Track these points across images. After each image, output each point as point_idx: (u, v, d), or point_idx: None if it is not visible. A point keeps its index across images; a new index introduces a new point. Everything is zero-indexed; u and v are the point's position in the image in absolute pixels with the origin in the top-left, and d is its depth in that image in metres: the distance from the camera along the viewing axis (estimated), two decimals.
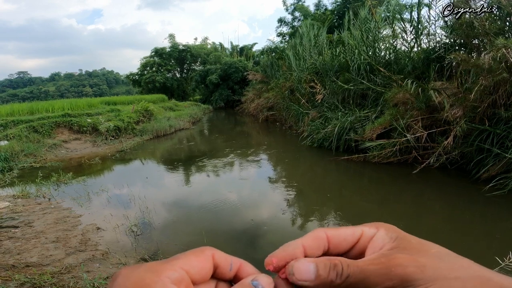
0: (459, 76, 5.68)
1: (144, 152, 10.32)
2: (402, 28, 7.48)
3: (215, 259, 0.29)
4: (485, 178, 4.84)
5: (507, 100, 4.92)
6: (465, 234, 3.60)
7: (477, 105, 5.14)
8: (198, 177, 6.97)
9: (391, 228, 0.33)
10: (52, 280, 2.78)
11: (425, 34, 7.13)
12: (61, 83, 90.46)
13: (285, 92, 12.74)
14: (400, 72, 7.16)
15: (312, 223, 4.18)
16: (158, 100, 21.70)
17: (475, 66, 5.02)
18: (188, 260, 0.27)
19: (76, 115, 12.09)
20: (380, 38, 8.19)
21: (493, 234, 3.59)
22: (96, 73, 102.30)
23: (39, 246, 3.61)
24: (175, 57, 33.82)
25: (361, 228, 0.33)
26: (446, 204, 4.46)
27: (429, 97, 5.79)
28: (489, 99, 5.03)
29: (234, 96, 27.27)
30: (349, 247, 0.33)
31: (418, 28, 7.15)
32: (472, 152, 5.23)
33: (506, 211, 4.11)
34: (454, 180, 5.34)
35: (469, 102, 5.12)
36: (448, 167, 5.67)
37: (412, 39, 7.35)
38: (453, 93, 5.55)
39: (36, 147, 9.39)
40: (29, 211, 4.85)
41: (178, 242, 3.77)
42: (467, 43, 6.00)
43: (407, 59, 7.27)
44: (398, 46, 7.89)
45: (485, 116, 5.21)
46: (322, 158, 7.50)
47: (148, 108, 14.78)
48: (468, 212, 4.18)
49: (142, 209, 4.68)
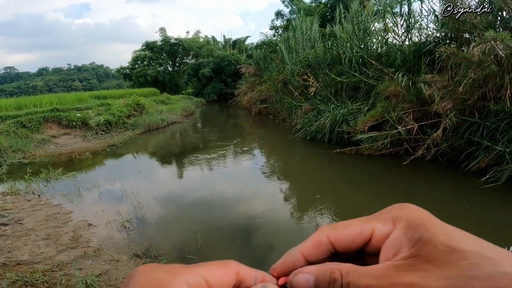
0: (449, 69, 5.73)
1: (136, 146, 10.22)
2: (394, 22, 7.50)
3: (240, 275, 0.27)
4: (475, 170, 4.92)
5: (497, 93, 4.97)
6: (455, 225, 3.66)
7: (467, 98, 5.19)
8: (190, 171, 6.94)
9: (414, 223, 0.26)
10: (44, 278, 2.75)
11: (416, 28, 7.17)
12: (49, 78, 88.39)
13: (278, 85, 12.72)
14: (391, 65, 7.21)
15: (305, 215, 4.20)
16: (149, 93, 21.44)
17: (465, 60, 5.05)
18: (209, 269, 0.25)
19: (65, 109, 11.87)
20: (372, 31, 8.21)
21: (484, 226, 3.67)
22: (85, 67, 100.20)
23: (29, 244, 3.56)
24: (167, 50, 33.42)
25: (372, 223, 0.28)
26: (437, 196, 4.53)
27: (420, 90, 5.84)
28: (478, 92, 5.08)
29: (227, 89, 27.18)
30: (359, 247, 0.28)
31: (409, 22, 7.19)
32: (462, 145, 5.30)
33: (498, 203, 4.19)
34: (445, 172, 5.42)
35: (459, 95, 5.16)
36: (439, 159, 5.75)
37: (403, 33, 7.39)
38: (443, 86, 5.59)
39: (25, 143, 9.21)
40: (19, 208, 4.77)
41: (172, 237, 3.76)
42: (458, 37, 6.05)
43: (398, 52, 7.31)
44: (390, 40, 7.93)
45: (475, 108, 5.27)
46: (315, 151, 7.53)
47: (140, 102, 14.58)
48: (458, 203, 4.26)
49: (135, 204, 4.64)
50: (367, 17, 8.07)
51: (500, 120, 4.85)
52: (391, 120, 6.12)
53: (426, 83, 5.79)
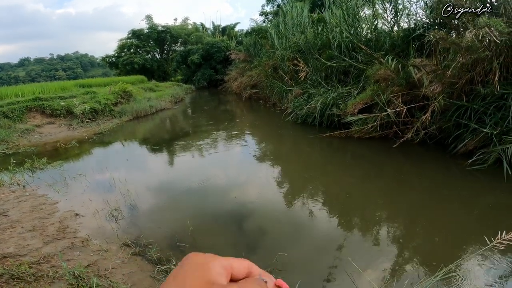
0: (438, 54, 5.74)
1: (123, 134, 10.03)
2: (383, 8, 7.47)
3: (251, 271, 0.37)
4: (463, 152, 4.99)
5: (485, 77, 5.02)
6: (444, 208, 3.72)
7: (455, 82, 5.22)
8: (180, 157, 6.85)
9: None
10: (31, 271, 2.67)
11: (405, 14, 7.16)
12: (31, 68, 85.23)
13: (269, 70, 12.63)
14: (380, 50, 7.21)
15: (296, 198, 4.20)
16: (137, 81, 20.91)
17: (454, 44, 5.06)
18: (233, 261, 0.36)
19: (48, 98, 11.47)
20: (361, 17, 8.16)
21: (472, 210, 3.74)
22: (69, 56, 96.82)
23: (15, 236, 3.46)
24: (154, 38, 32.70)
25: None
26: (426, 180, 4.58)
27: (409, 73, 5.85)
28: (467, 76, 5.12)
29: (217, 76, 26.82)
30: None
31: (398, 8, 7.20)
32: (450, 127, 5.36)
33: (485, 186, 4.28)
34: (433, 154, 5.48)
35: (447, 79, 5.19)
36: (428, 142, 5.81)
37: (391, 19, 7.38)
38: (432, 70, 5.61)
39: (8, 133, 8.91)
40: (3, 199, 4.63)
41: (162, 225, 3.72)
42: (446, 22, 6.06)
43: (388, 37, 7.30)
44: (379, 26, 7.90)
45: (463, 92, 5.31)
46: (306, 134, 7.53)
47: (127, 89, 14.23)
48: (447, 187, 4.31)
49: (123, 192, 4.56)
50: (356, 2, 8.00)
51: (487, 103, 4.89)
52: (380, 103, 6.12)
53: (416, 66, 5.79)
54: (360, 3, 8.03)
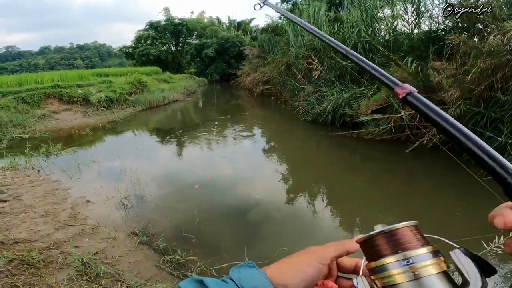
0: (458, 58, 5.60)
1: (136, 123, 10.19)
2: (404, 9, 7.30)
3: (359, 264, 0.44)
4: None
5: (505, 84, 4.86)
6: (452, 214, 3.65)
7: (473, 88, 5.09)
8: (190, 149, 6.92)
9: None
10: (41, 256, 2.73)
11: (427, 17, 7.00)
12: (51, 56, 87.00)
13: (282, 67, 12.56)
14: (398, 52, 7.06)
15: (302, 195, 4.20)
16: (152, 72, 21.18)
17: (475, 49, 4.93)
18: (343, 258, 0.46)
19: (67, 86, 11.75)
20: (380, 18, 8.02)
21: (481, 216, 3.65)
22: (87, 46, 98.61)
23: (27, 221, 3.54)
24: (170, 30, 32.94)
25: None
26: (436, 184, 4.50)
27: (427, 76, 5.72)
28: (486, 81, 4.98)
29: (229, 70, 26.90)
30: None
31: (419, 10, 7.04)
32: None
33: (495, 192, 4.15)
34: (446, 161, 5.35)
35: (467, 84, 5.06)
36: (440, 147, 5.68)
37: (412, 21, 7.22)
38: (451, 74, 5.48)
39: (25, 118, 9.19)
40: (18, 183, 4.78)
41: (169, 216, 3.78)
42: (469, 27, 5.90)
43: (408, 40, 7.16)
44: (399, 27, 7.76)
45: (481, 98, 5.16)
46: (316, 133, 7.49)
47: (141, 80, 14.43)
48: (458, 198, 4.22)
49: (133, 181, 4.65)
50: (376, 3, 7.86)
51: (505, 110, 4.74)
52: (395, 104, 6.01)
53: (435, 69, 5.66)
54: (380, 4, 7.88)
